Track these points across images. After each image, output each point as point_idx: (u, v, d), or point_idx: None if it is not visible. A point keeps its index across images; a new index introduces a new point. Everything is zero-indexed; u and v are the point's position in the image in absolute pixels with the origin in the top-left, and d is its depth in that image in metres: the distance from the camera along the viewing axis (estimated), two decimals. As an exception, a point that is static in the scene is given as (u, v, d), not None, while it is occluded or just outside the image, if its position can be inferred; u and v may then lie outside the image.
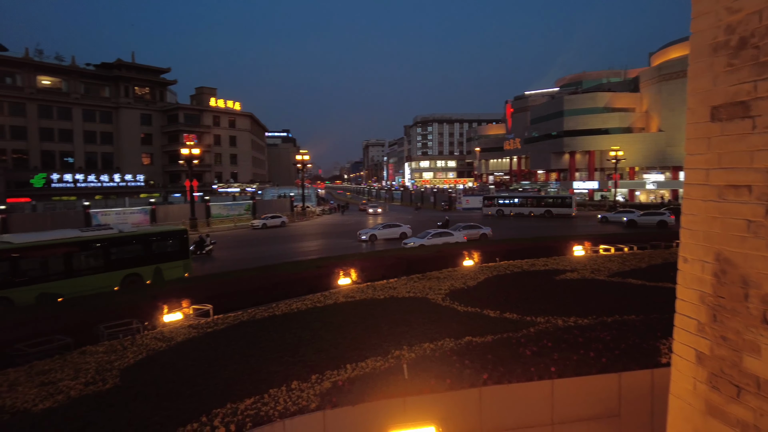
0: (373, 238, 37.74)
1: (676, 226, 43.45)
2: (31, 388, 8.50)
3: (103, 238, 21.25)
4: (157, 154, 79.69)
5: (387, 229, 39.37)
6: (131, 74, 75.86)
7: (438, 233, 32.99)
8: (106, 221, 42.78)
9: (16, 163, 65.16)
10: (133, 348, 10.60)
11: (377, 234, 38.18)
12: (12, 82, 66.14)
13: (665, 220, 44.93)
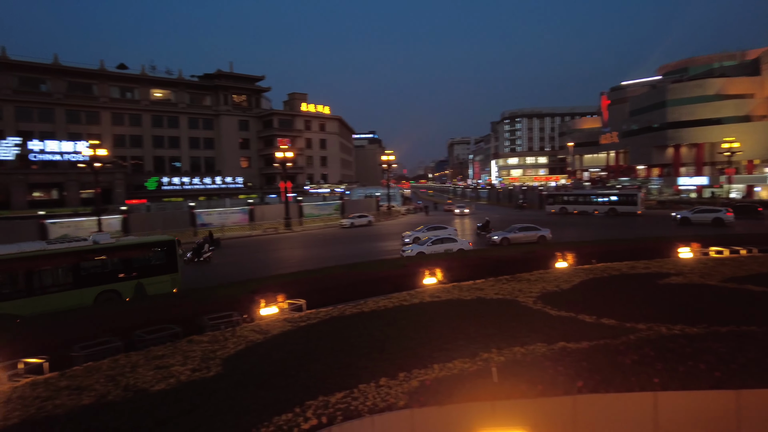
0: None
1: (738, 223, 38.61)
2: (148, 371, 9.44)
3: (71, 252, 19.16)
4: (254, 157, 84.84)
5: (434, 231, 34.21)
6: (230, 83, 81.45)
7: (439, 239, 28.27)
8: (210, 221, 46.36)
9: (134, 168, 72.63)
10: (233, 339, 11.38)
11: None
12: (131, 96, 73.86)
13: (721, 218, 40.24)
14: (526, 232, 32.24)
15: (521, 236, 31.73)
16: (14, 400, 8.48)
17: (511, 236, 31.89)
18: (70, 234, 38.35)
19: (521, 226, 33.77)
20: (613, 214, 53.85)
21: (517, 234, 32.00)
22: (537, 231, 32.40)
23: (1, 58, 62.06)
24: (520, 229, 32.68)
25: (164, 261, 21.21)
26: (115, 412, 7.61)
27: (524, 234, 32.06)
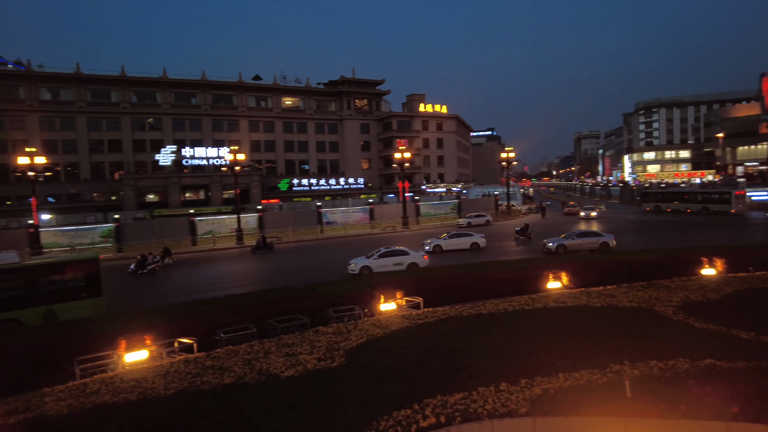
0: None
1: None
2: (279, 357, 10.22)
3: None
4: (374, 158, 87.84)
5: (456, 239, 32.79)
6: (352, 89, 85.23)
7: (388, 251, 25.77)
8: (334, 219, 48.92)
9: (268, 170, 79.30)
10: (355, 332, 11.86)
11: None
12: (265, 104, 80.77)
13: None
14: (586, 239, 29.60)
15: (580, 243, 29.22)
16: (171, 374, 9.72)
17: (568, 243, 29.31)
18: (214, 230, 43.07)
19: (580, 231, 31.22)
20: (706, 213, 52.75)
21: (575, 240, 29.40)
22: (599, 237, 29.70)
23: (161, 77, 71.74)
24: (578, 236, 30.01)
25: (84, 284, 18.17)
26: (250, 393, 8.36)
27: (584, 240, 29.45)
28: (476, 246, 32.31)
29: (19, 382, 10.75)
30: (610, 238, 29.46)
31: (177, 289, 23.22)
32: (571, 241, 29.34)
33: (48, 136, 65.80)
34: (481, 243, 32.56)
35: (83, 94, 67.91)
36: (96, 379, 9.99)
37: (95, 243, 38.71)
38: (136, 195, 66.11)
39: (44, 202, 61.60)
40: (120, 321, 14.08)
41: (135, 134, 70.83)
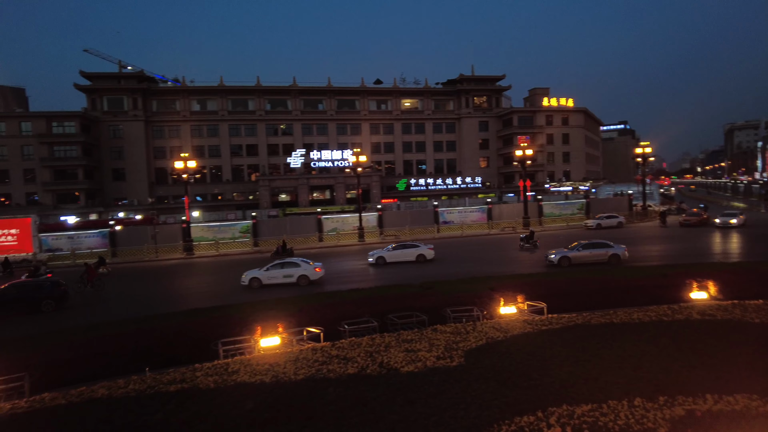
0: None
1: None
2: (399, 352, 10.47)
3: None
4: (493, 157, 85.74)
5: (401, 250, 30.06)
6: (471, 86, 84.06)
7: (279, 263, 24.33)
8: (450, 219, 48.74)
9: (387, 171, 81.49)
10: (474, 333, 11.72)
11: None
12: (385, 107, 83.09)
13: None
14: (593, 250, 26.26)
15: (586, 255, 26.00)
16: (301, 360, 10.46)
17: (573, 255, 26.05)
18: (338, 227, 45.39)
19: (587, 242, 27.42)
20: None
21: (580, 252, 26.15)
22: (607, 249, 26.27)
23: (292, 86, 77.39)
24: (584, 247, 26.59)
25: None
26: (372, 384, 8.68)
27: (590, 252, 26.19)
28: (422, 258, 29.44)
29: (175, 357, 12.37)
30: (621, 250, 26.15)
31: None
32: (577, 252, 26.23)
33: (197, 142, 74.59)
34: (429, 255, 29.68)
35: (225, 104, 75.88)
36: (236, 360, 11.10)
37: (235, 237, 43.02)
38: (270, 194, 72.25)
39: (193, 201, 70.06)
40: (258, 309, 15.47)
41: (269, 139, 77.31)
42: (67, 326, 16.43)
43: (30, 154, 66.15)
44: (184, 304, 20.16)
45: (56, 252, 39.27)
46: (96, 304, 21.91)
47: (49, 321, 18.37)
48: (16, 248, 36.47)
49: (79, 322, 17.28)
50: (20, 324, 18.21)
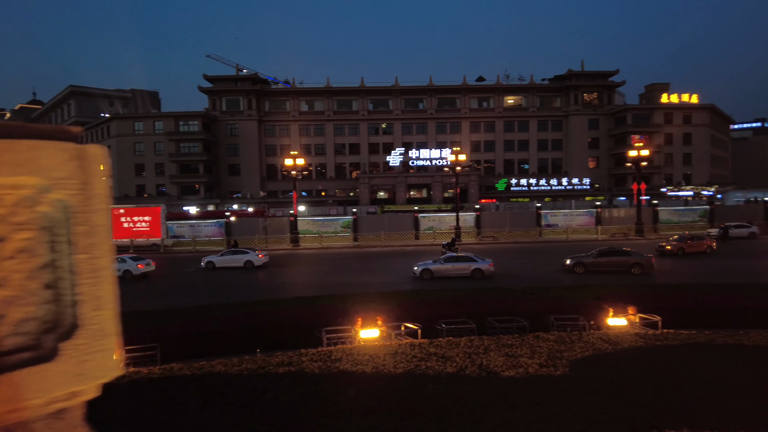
0: None
1: None
2: (499, 356, 10.27)
3: None
4: (603, 157, 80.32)
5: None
6: (580, 82, 79.38)
7: None
8: (555, 222, 46.57)
9: (487, 170, 79.82)
10: (579, 343, 11.14)
11: None
12: (487, 105, 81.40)
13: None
14: (455, 264, 25.67)
15: (448, 268, 25.42)
16: (399, 354, 10.67)
17: (434, 268, 25.44)
18: (435, 226, 45.42)
19: (449, 256, 26.84)
20: None
21: (442, 266, 25.55)
22: (470, 263, 25.48)
23: (394, 86, 78.69)
24: (446, 260, 26.02)
25: None
26: (471, 386, 8.62)
27: (452, 266, 25.56)
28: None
29: (281, 341, 13.25)
30: (485, 264, 25.30)
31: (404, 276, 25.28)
32: (439, 266, 25.56)
33: (305, 141, 78.70)
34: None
35: (331, 104, 79.20)
36: (338, 348, 11.60)
37: (337, 232, 44.88)
38: (369, 192, 74.26)
39: (299, 196, 74.17)
40: (358, 300, 16.05)
41: (370, 138, 79.38)
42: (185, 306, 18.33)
43: (161, 150, 74.31)
44: (291, 292, 21.50)
45: (179, 238, 43.71)
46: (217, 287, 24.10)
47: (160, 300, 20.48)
48: (148, 233, 41.16)
49: (201, 303, 19.10)
50: (151, 299, 20.52)
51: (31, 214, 1.09)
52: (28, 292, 1.09)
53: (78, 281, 1.16)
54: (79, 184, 1.16)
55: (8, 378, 1.06)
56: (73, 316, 1.15)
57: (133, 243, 39.86)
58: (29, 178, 1.08)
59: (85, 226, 1.18)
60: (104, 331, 1.22)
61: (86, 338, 1.18)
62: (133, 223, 41.05)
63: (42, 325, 1.10)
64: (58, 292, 1.12)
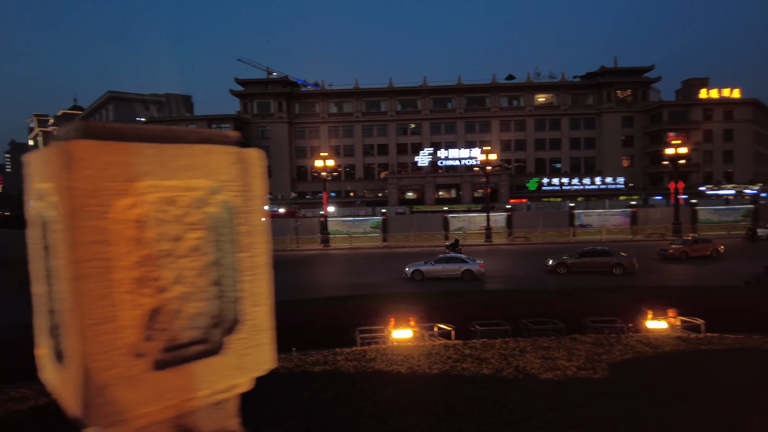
0: None
1: None
2: (535, 358, 10.13)
3: None
4: (638, 155, 78.16)
5: None
6: (613, 79, 77.45)
7: None
8: (588, 222, 45.61)
9: (517, 170, 78.74)
10: (618, 346, 10.89)
11: None
12: (517, 103, 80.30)
13: None
14: (446, 265, 25.84)
15: (439, 269, 25.64)
16: (434, 355, 10.66)
17: (425, 269, 25.64)
18: (465, 226, 45.10)
19: (441, 257, 26.91)
20: None
21: (433, 267, 25.77)
22: (461, 264, 25.55)
23: (422, 86, 78.50)
24: (437, 261, 26.22)
25: None
26: (509, 387, 8.54)
27: (443, 267, 25.65)
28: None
29: (316, 340, 13.38)
30: (475, 265, 25.37)
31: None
32: (430, 267, 25.82)
33: (334, 142, 79.34)
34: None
35: (360, 105, 79.60)
36: (372, 348, 11.66)
37: (367, 232, 45.11)
38: (397, 192, 74.31)
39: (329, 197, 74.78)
40: (390, 300, 16.10)
41: (398, 138, 79.42)
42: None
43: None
44: (323, 292, 21.72)
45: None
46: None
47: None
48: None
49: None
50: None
51: (201, 214, 1.15)
52: (199, 288, 1.15)
53: (239, 278, 1.22)
54: (241, 186, 1.22)
55: (185, 369, 1.13)
56: (235, 311, 1.21)
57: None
58: (202, 181, 1.14)
59: (246, 226, 1.23)
60: (261, 325, 1.28)
61: (246, 333, 1.23)
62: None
63: (210, 319, 1.17)
64: (223, 289, 1.18)
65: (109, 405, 1.01)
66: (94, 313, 1.01)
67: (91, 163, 0.99)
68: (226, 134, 1.24)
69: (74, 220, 0.98)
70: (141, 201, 1.06)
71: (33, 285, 1.29)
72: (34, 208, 1.21)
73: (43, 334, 1.24)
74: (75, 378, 1.01)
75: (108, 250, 1.02)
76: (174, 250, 1.11)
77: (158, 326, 1.10)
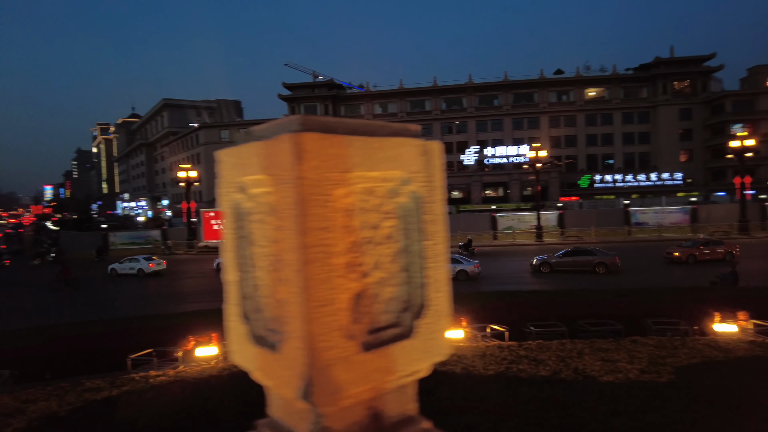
0: None
1: None
2: (594, 360, 9.83)
3: None
4: (697, 149, 74.07)
5: None
6: (670, 70, 73.71)
7: None
8: (644, 220, 43.69)
9: (568, 167, 76.41)
10: (683, 349, 10.40)
11: None
12: (566, 98, 77.95)
13: None
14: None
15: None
16: (488, 356, 10.53)
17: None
18: (514, 225, 44.22)
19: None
20: None
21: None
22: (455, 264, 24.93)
23: (467, 84, 77.61)
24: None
25: None
26: (568, 390, 8.32)
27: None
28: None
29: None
30: (470, 265, 25.55)
31: (499, 276, 24.91)
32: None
33: (379, 142, 79.83)
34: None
35: (404, 105, 79.61)
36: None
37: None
38: (444, 192, 73.84)
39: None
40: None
41: (443, 137, 78.69)
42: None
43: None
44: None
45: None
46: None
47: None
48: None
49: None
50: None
51: (394, 204, 1.22)
52: (392, 274, 1.21)
53: (425, 265, 1.27)
54: (426, 177, 1.28)
55: (386, 351, 1.19)
56: (422, 297, 1.26)
57: (222, 244, 42.41)
58: (396, 172, 1.21)
59: (430, 215, 1.29)
60: (443, 311, 1.32)
61: (431, 318, 1.28)
62: (223, 226, 43.75)
63: (401, 304, 1.23)
64: (410, 275, 1.24)
65: (330, 384, 1.08)
66: (318, 295, 1.07)
67: (317, 155, 1.06)
68: (410, 128, 1.29)
69: (304, 208, 1.05)
70: (351, 191, 1.14)
71: (225, 273, 1.33)
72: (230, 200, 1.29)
73: (234, 319, 1.31)
74: (297, 358, 1.08)
75: (329, 237, 1.09)
76: (373, 238, 1.18)
77: (362, 309, 1.16)
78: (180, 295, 25.87)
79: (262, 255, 1.17)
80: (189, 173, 47.20)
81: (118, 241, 50.18)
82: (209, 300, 21.46)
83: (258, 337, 1.20)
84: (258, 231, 1.18)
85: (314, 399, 1.05)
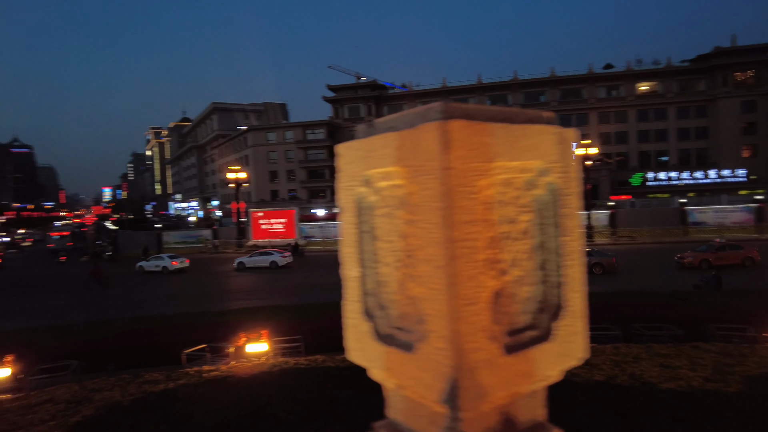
0: None
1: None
2: (652, 366, 9.39)
3: None
4: (762, 144, 69.50)
5: None
6: (731, 60, 69.52)
7: None
8: (703, 219, 41.48)
9: (619, 164, 73.55)
10: (753, 357, 9.78)
11: None
12: (616, 93, 75.07)
13: None
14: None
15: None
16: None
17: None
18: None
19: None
20: None
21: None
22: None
23: (512, 80, 76.09)
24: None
25: None
26: (625, 396, 7.99)
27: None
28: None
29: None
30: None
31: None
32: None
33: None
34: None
35: (448, 104, 79.05)
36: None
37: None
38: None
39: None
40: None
41: (488, 135, 77.80)
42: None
43: (291, 157, 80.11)
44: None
45: (311, 238, 46.74)
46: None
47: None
48: (284, 234, 44.65)
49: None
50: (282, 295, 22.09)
51: (530, 197, 1.13)
52: (528, 272, 1.13)
53: (562, 263, 1.19)
54: (563, 167, 1.18)
55: (526, 354, 1.11)
56: (558, 297, 1.18)
57: (270, 243, 43.53)
58: (534, 162, 1.13)
59: (567, 209, 1.19)
60: (579, 312, 1.23)
61: (569, 319, 1.20)
62: (271, 225, 44.84)
63: (537, 305, 1.15)
64: (546, 273, 1.16)
65: (476, 388, 1.00)
66: (465, 293, 1.00)
67: (464, 144, 1.00)
68: (543, 114, 1.19)
69: (450, 200, 0.99)
70: (492, 182, 1.06)
71: (345, 269, 1.28)
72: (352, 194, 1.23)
73: (355, 316, 1.26)
74: (439, 359, 1.01)
75: (474, 231, 1.02)
76: (510, 233, 1.09)
77: (502, 309, 1.08)
78: (226, 293, 26.68)
79: (389, 250, 1.10)
80: (238, 174, 48.73)
81: (171, 240, 52.36)
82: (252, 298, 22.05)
83: (384, 336, 1.14)
84: (385, 225, 1.12)
85: (458, 402, 0.99)
